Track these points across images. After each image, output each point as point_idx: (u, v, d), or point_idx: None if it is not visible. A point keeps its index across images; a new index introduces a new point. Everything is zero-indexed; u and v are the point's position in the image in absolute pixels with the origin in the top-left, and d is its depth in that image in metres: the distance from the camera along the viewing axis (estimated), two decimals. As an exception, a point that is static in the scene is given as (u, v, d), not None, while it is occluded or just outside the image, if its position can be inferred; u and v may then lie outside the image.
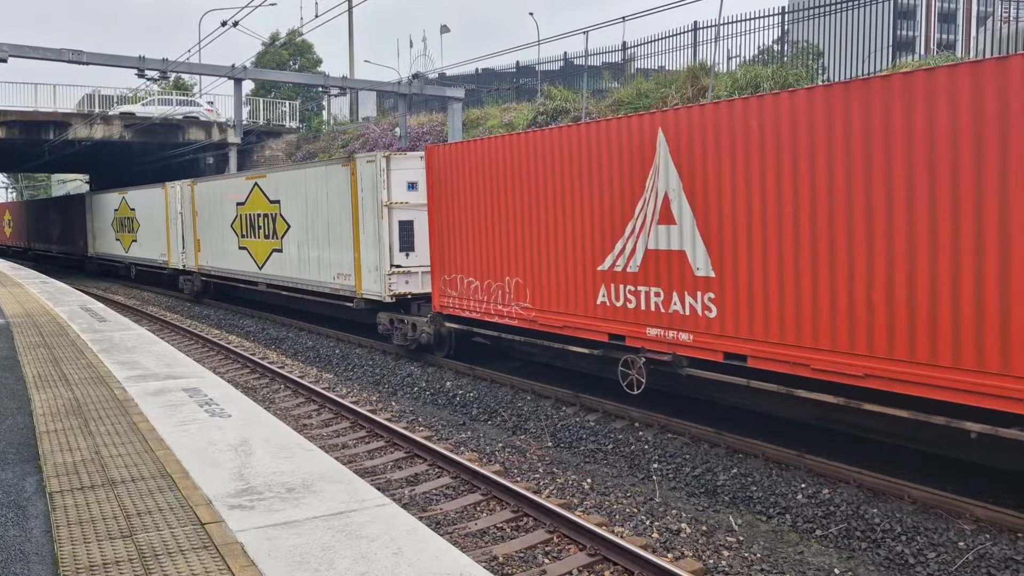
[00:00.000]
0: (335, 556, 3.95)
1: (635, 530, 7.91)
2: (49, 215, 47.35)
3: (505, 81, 34.48)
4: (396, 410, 12.85)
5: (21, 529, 4.35)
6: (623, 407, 11.12)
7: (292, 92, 41.21)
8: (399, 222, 15.32)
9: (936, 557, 7.09)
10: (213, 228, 24.00)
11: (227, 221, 22.98)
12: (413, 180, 15.28)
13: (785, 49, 23.50)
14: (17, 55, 26.56)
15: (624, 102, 22.56)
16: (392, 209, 15.38)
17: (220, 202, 23.44)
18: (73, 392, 7.56)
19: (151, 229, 29.85)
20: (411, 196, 15.33)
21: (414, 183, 15.25)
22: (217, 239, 23.77)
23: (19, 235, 57.74)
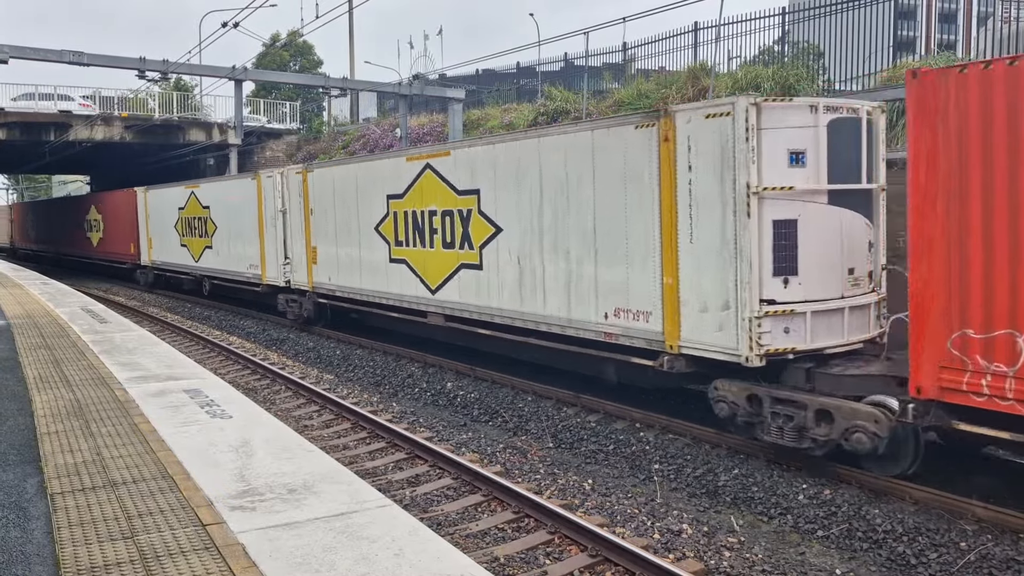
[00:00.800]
0: (336, 557, 3.94)
1: (636, 531, 7.90)
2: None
3: (506, 82, 34.50)
4: (397, 411, 12.85)
5: (22, 530, 4.35)
6: (624, 408, 11.11)
7: (293, 93, 41.25)
8: (773, 223, 8.69)
9: (938, 558, 7.08)
10: (340, 232, 17.22)
11: (367, 222, 16.07)
12: (799, 148, 8.75)
13: (786, 50, 23.49)
14: (18, 56, 26.58)
15: (625, 102, 22.56)
16: (764, 200, 8.63)
17: (354, 196, 16.59)
18: (74, 393, 7.56)
19: (234, 232, 23.03)
20: (795, 176, 8.71)
21: (800, 153, 8.76)
22: (346, 247, 17.03)
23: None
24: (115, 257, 34.56)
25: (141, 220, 30.72)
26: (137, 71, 28.27)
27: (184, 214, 26.51)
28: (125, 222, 32.56)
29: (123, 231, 32.94)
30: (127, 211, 32.17)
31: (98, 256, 37.35)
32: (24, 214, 60.17)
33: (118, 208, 33.62)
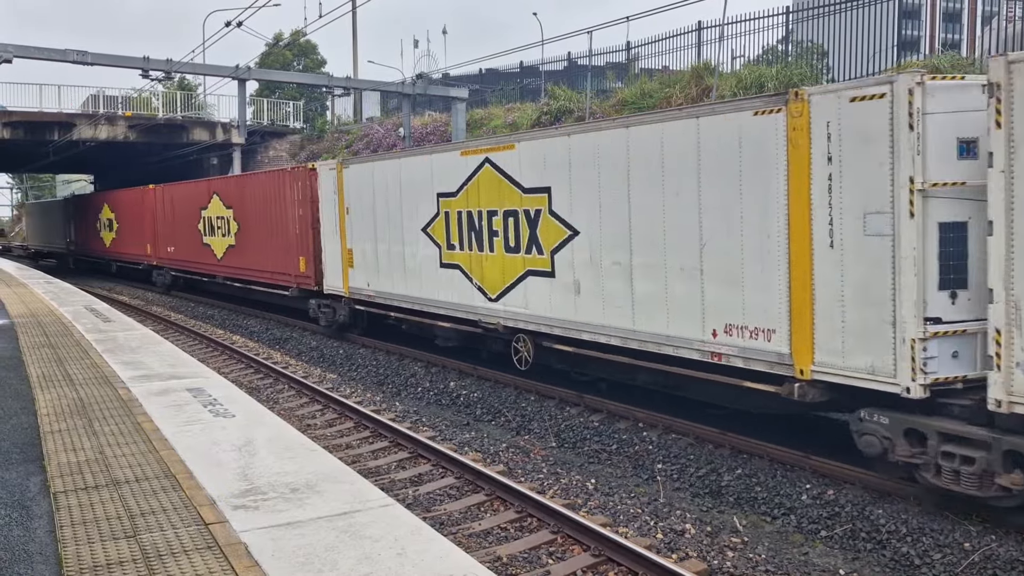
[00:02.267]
0: (339, 556, 3.94)
1: (639, 531, 7.89)
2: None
3: (509, 81, 34.49)
4: (400, 410, 12.85)
5: (25, 529, 4.35)
6: (628, 408, 11.10)
7: (296, 92, 41.28)
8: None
9: (942, 558, 7.06)
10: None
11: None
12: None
13: (789, 49, 23.46)
14: (22, 55, 26.65)
15: (628, 102, 22.54)
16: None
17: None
18: (77, 392, 7.57)
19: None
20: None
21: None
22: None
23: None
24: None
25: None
26: (141, 70, 28.34)
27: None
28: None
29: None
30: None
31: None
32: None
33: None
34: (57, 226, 45.10)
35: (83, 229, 39.67)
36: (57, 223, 45.22)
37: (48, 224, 48.59)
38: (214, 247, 24.36)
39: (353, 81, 34.77)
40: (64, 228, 43.21)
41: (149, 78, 28.91)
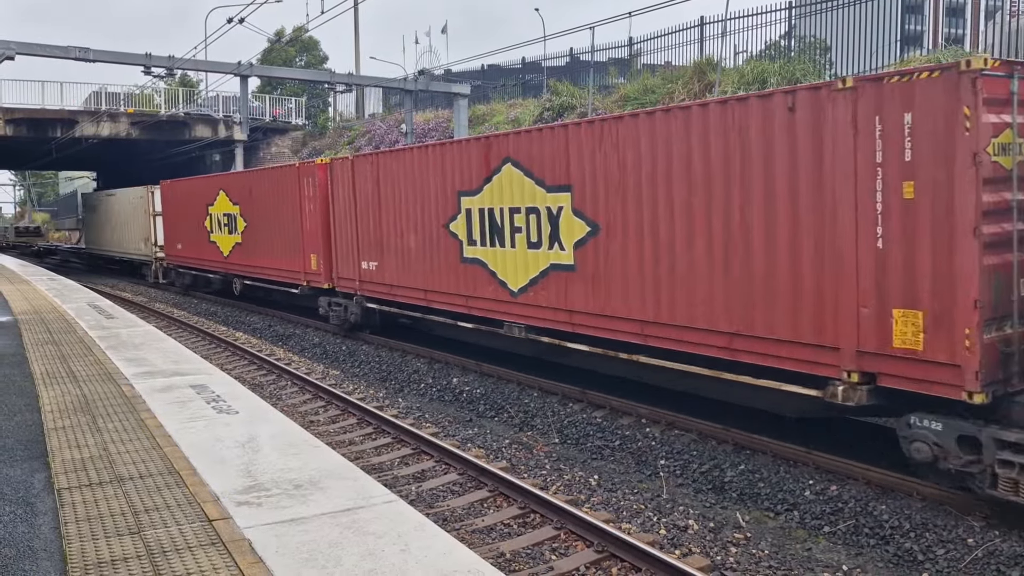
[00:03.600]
0: (342, 553, 3.94)
1: (642, 527, 7.90)
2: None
3: (511, 77, 34.46)
4: (403, 406, 12.86)
5: (30, 526, 4.36)
6: (630, 403, 11.09)
7: (298, 89, 41.26)
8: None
9: (945, 554, 7.06)
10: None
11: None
12: None
13: (792, 44, 23.41)
14: (24, 52, 26.66)
15: (630, 98, 22.50)
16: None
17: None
18: (81, 389, 7.58)
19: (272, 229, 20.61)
20: None
21: None
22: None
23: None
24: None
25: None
26: (143, 67, 28.34)
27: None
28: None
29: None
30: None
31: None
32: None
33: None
34: (135, 223, 31.97)
35: (180, 228, 26.77)
36: (135, 219, 31.96)
37: (119, 221, 34.42)
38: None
39: (355, 77, 34.75)
40: (145, 225, 30.57)
41: (151, 75, 28.91)
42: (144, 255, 31.35)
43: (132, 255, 33.37)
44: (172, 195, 22.87)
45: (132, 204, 32.20)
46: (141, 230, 31.08)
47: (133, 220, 32.18)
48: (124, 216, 33.42)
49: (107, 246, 37.36)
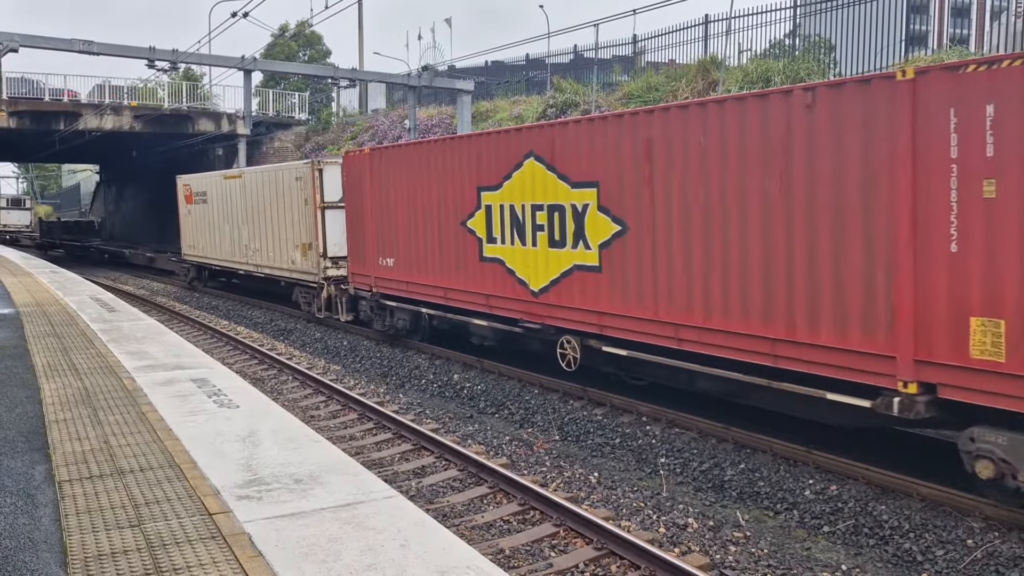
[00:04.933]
0: (342, 547, 3.95)
1: (642, 524, 7.90)
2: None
3: (515, 74, 34.42)
4: (403, 402, 12.87)
5: (30, 518, 4.36)
6: (631, 401, 11.09)
7: (301, 84, 41.25)
8: None
9: (944, 555, 7.06)
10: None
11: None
12: None
13: (797, 43, 23.37)
14: (28, 44, 26.65)
15: (634, 95, 22.47)
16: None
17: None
18: (82, 381, 7.59)
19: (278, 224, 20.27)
20: None
21: None
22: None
23: None
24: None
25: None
26: (147, 60, 28.32)
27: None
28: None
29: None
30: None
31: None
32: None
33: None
34: (282, 220, 20.41)
35: (394, 230, 15.63)
36: (282, 213, 20.41)
37: (247, 217, 22.45)
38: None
39: (358, 73, 34.72)
40: (304, 224, 19.25)
41: (155, 68, 28.90)
42: (301, 273, 19.32)
43: (277, 271, 20.74)
44: (378, 171, 15.00)
45: (278, 190, 20.12)
46: (295, 231, 19.30)
47: (278, 215, 20.14)
48: (258, 208, 21.27)
49: (220, 256, 24.24)
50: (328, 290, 18.25)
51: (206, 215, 25.19)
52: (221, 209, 23.92)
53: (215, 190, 24.36)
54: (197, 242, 26.33)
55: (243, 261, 22.75)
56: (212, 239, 24.92)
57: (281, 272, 20.55)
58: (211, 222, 24.84)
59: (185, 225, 27.07)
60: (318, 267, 18.46)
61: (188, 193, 26.74)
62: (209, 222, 25.02)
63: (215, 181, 24.63)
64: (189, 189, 26.70)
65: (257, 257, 21.78)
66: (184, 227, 27.13)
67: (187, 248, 27.35)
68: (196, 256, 26.66)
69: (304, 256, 19.09)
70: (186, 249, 27.47)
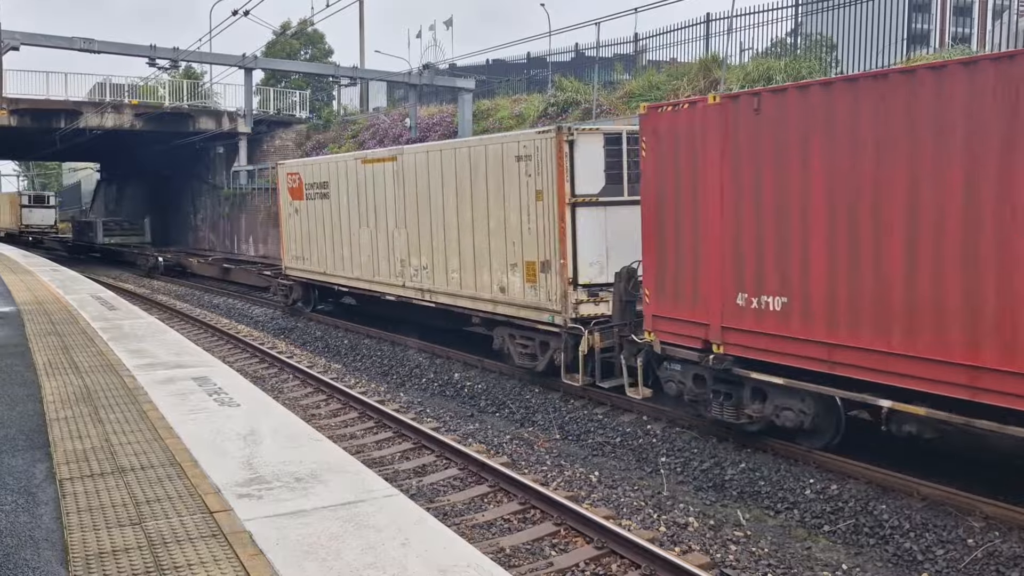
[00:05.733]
0: (343, 546, 3.95)
1: (643, 523, 7.90)
2: None
3: (516, 72, 34.40)
4: (404, 401, 12.87)
5: (31, 515, 4.37)
6: (631, 400, 11.09)
7: (302, 82, 41.23)
8: None
9: (945, 554, 7.06)
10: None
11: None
12: None
13: (798, 42, 23.35)
14: (29, 43, 26.69)
15: (635, 94, 22.46)
16: None
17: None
18: (83, 380, 7.59)
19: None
20: None
21: None
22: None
23: None
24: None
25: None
26: (148, 59, 28.35)
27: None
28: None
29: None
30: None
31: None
32: None
33: None
34: (486, 222, 13.16)
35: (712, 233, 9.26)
36: (488, 211, 13.13)
37: (423, 220, 14.83)
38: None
39: (359, 71, 34.74)
40: (540, 229, 12.07)
41: (156, 66, 28.92)
42: (521, 308, 12.53)
43: (469, 302, 13.79)
44: (750, 135, 8.71)
45: (476, 176, 13.21)
46: (512, 241, 12.55)
47: (476, 215, 13.30)
48: (431, 205, 14.45)
49: (351, 273, 17.33)
50: (590, 340, 11.05)
51: (326, 215, 18.01)
52: (355, 206, 16.86)
53: (344, 179, 17.24)
54: (309, 252, 19.01)
55: (395, 283, 15.61)
56: (336, 249, 17.80)
57: (478, 304, 13.38)
58: (334, 225, 17.73)
59: (289, 229, 19.87)
60: (561, 301, 11.54)
61: (295, 184, 19.37)
62: (331, 225, 17.89)
63: (344, 167, 17.33)
64: (297, 179, 19.29)
65: (424, 279, 14.64)
66: (288, 231, 19.98)
67: (291, 260, 19.98)
68: (305, 271, 19.42)
69: (531, 281, 12.10)
70: (289, 261, 20.05)
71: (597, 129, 11.90)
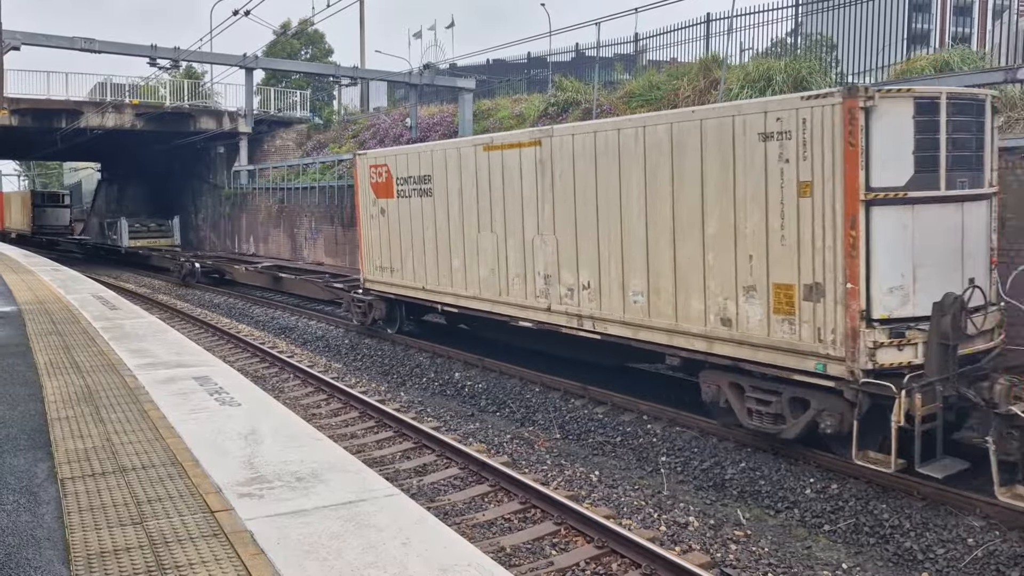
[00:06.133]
0: (343, 545, 3.96)
1: (643, 523, 7.91)
2: None
3: (516, 72, 34.41)
4: (404, 400, 12.88)
5: (33, 515, 4.38)
6: (632, 400, 11.10)
7: (303, 82, 41.25)
8: None
9: (945, 553, 7.07)
10: None
11: None
12: None
13: (798, 42, 23.35)
14: (30, 43, 26.70)
15: (636, 94, 22.45)
16: None
17: None
18: (84, 379, 7.60)
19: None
20: None
21: None
22: None
23: None
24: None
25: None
26: (148, 59, 28.35)
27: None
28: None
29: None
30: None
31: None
32: None
33: None
34: (710, 215, 9.34)
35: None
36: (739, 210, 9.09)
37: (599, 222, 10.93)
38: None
39: (360, 71, 34.74)
40: (799, 232, 8.47)
41: (156, 66, 28.92)
42: (761, 349, 8.86)
43: (668, 337, 9.97)
44: None
45: (686, 161, 9.56)
46: (749, 254, 8.93)
47: (682, 217, 9.68)
48: (601, 203, 10.84)
49: (461, 289, 13.88)
50: (906, 404, 7.61)
51: (427, 216, 14.42)
52: (470, 205, 13.31)
53: (455, 171, 13.62)
54: (399, 262, 15.37)
55: (535, 305, 12.07)
56: (441, 260, 14.18)
57: (679, 339, 9.87)
58: (439, 228, 14.17)
59: (372, 233, 16.23)
60: (844, 342, 8.12)
61: (382, 179, 15.70)
62: (433, 228, 14.28)
63: (456, 156, 13.61)
64: (384, 172, 15.57)
65: (584, 302, 11.16)
66: (369, 236, 16.36)
67: (372, 271, 16.36)
68: (393, 285, 15.74)
69: (784, 313, 8.63)
70: (370, 272, 16.44)
71: (907, 91, 8.31)
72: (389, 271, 15.77)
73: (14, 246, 35.20)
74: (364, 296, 16.87)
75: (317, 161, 30.73)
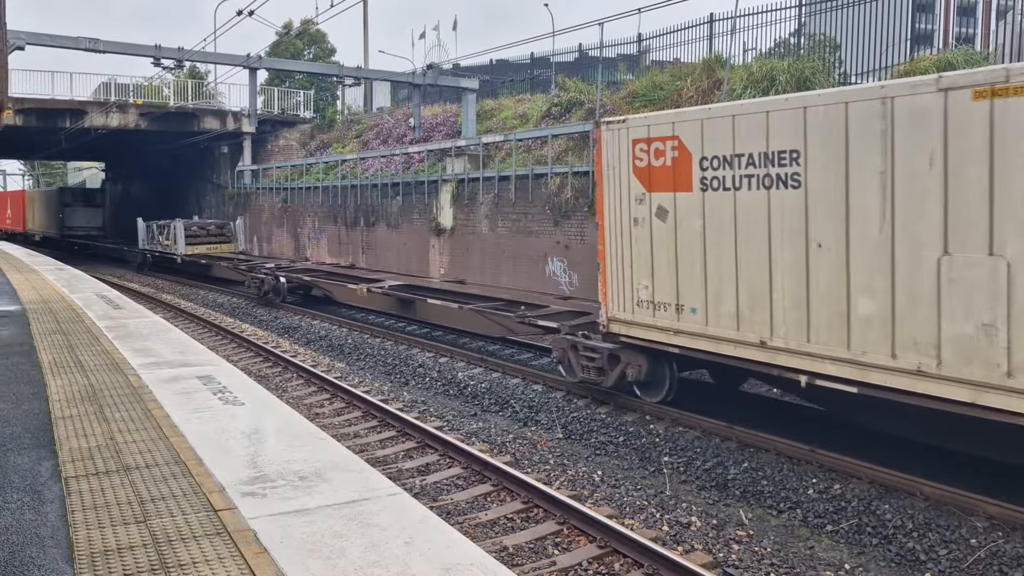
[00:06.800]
0: (346, 544, 3.97)
1: (645, 523, 7.91)
2: None
3: (519, 72, 34.43)
4: (408, 400, 12.89)
5: (37, 513, 4.39)
6: (634, 400, 11.10)
7: (306, 82, 41.27)
8: None
9: (948, 554, 7.06)
10: None
11: None
12: None
13: (801, 42, 23.33)
14: (34, 43, 26.75)
15: (639, 94, 22.45)
16: None
17: None
18: (88, 378, 7.62)
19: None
20: None
21: None
22: None
23: None
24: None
25: None
26: (152, 59, 28.39)
27: None
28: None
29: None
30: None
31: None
32: None
33: None
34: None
35: None
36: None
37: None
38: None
39: (363, 71, 34.76)
40: None
41: (160, 66, 28.96)
42: None
43: None
44: None
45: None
46: None
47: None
48: None
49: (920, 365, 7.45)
50: None
51: (776, 223, 8.79)
52: (914, 206, 7.54)
53: (879, 143, 7.73)
54: (700, 297, 9.74)
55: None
56: (808, 295, 8.49)
57: None
58: (810, 244, 8.46)
59: (631, 249, 10.66)
60: None
61: (664, 161, 10.08)
62: (799, 244, 8.57)
63: (882, 110, 7.67)
64: (671, 148, 9.94)
65: None
66: (623, 254, 10.79)
67: (631, 308, 10.72)
68: (679, 332, 10.08)
69: None
70: (626, 310, 10.79)
71: None
72: (668, 309, 10.12)
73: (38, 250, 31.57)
74: (601, 344, 11.24)
75: (320, 161, 30.76)
